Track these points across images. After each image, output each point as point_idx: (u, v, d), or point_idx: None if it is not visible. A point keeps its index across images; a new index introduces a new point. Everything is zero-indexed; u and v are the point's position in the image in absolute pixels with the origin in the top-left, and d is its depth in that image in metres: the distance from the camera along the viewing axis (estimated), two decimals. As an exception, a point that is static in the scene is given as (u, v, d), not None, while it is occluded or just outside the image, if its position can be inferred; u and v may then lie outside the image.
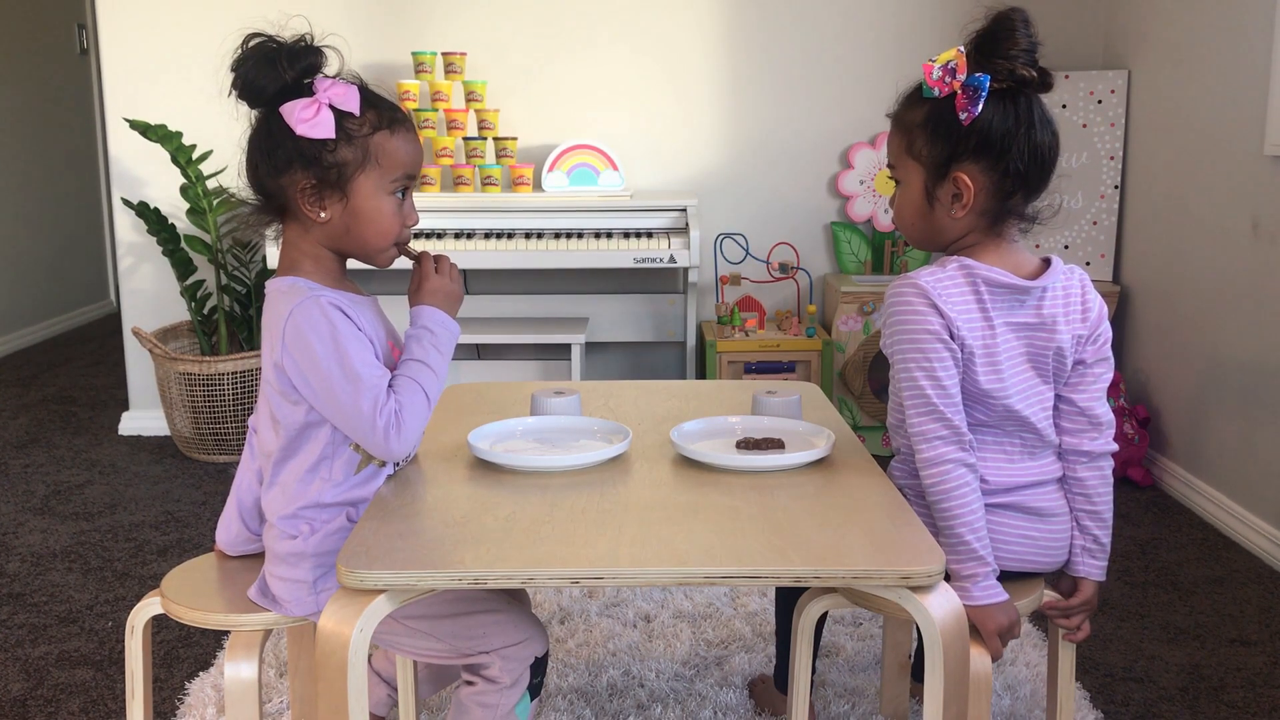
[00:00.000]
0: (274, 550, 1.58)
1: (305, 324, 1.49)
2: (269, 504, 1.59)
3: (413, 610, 1.53)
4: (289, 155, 1.51)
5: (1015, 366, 1.61)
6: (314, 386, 1.50)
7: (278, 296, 1.54)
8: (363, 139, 1.52)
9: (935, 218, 1.63)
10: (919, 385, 1.56)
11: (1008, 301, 1.59)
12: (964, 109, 1.55)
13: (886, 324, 1.62)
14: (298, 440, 1.55)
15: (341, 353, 1.49)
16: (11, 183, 5.42)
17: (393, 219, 1.56)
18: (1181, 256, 3.33)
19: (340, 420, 1.51)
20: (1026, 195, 1.61)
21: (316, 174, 1.51)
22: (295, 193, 1.53)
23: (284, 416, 1.54)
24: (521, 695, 1.57)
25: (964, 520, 1.54)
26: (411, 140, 1.58)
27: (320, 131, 1.49)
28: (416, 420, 1.52)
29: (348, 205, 1.54)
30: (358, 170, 1.53)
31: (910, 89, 1.64)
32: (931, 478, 1.56)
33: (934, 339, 1.56)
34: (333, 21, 3.79)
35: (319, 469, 1.55)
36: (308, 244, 1.57)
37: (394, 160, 1.55)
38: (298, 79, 1.51)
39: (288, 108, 1.49)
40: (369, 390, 1.49)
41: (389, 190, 1.55)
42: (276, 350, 1.51)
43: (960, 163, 1.58)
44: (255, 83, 1.50)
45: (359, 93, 1.53)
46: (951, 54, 1.55)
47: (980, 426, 1.62)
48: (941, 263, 1.62)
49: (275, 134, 1.51)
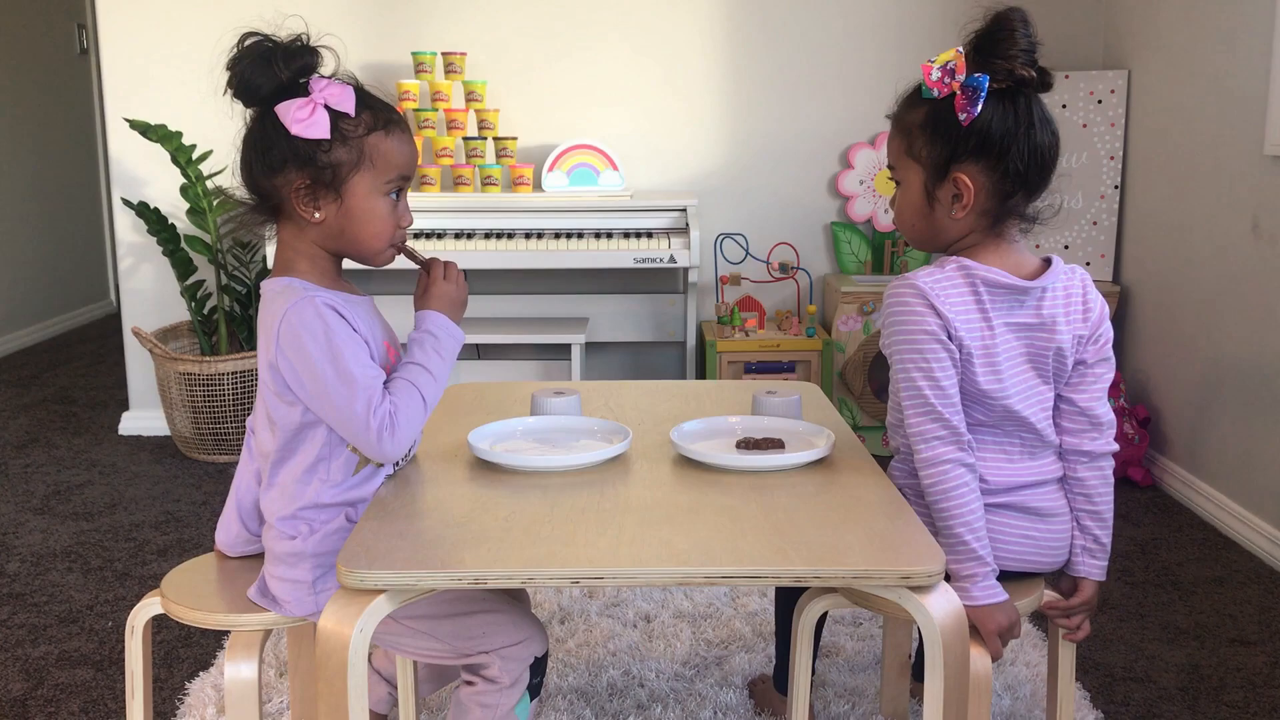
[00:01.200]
0: (273, 551, 1.58)
1: (300, 324, 1.49)
2: (268, 505, 1.58)
3: (412, 610, 1.53)
4: (283, 155, 1.51)
5: (1014, 367, 1.61)
6: (308, 387, 1.50)
7: (273, 297, 1.54)
8: (358, 139, 1.52)
9: (935, 218, 1.62)
10: (917, 386, 1.56)
11: (1007, 302, 1.59)
12: (963, 109, 1.55)
13: (885, 325, 1.62)
14: (295, 441, 1.55)
15: (335, 353, 1.49)
16: (11, 183, 5.42)
17: (387, 220, 1.56)
18: (1181, 256, 3.33)
19: (335, 421, 1.51)
20: (1027, 195, 1.61)
21: (311, 174, 1.51)
22: (290, 193, 1.53)
23: (280, 417, 1.54)
24: (521, 695, 1.57)
25: (963, 520, 1.54)
26: (406, 141, 1.58)
27: (315, 131, 1.49)
28: (411, 423, 1.52)
29: (342, 206, 1.54)
30: (352, 171, 1.53)
31: (909, 90, 1.64)
32: (930, 478, 1.56)
33: (931, 340, 1.56)
34: (333, 21, 3.80)
35: (317, 469, 1.55)
36: (303, 244, 1.57)
37: (389, 161, 1.55)
38: (293, 79, 1.51)
39: (283, 107, 1.49)
40: (363, 391, 1.49)
41: (384, 191, 1.55)
42: (271, 351, 1.51)
43: (960, 163, 1.58)
44: (250, 82, 1.50)
45: (355, 93, 1.53)
46: (950, 54, 1.55)
47: (979, 427, 1.62)
48: (940, 263, 1.62)
49: (270, 133, 1.51)
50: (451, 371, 1.62)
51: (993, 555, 1.57)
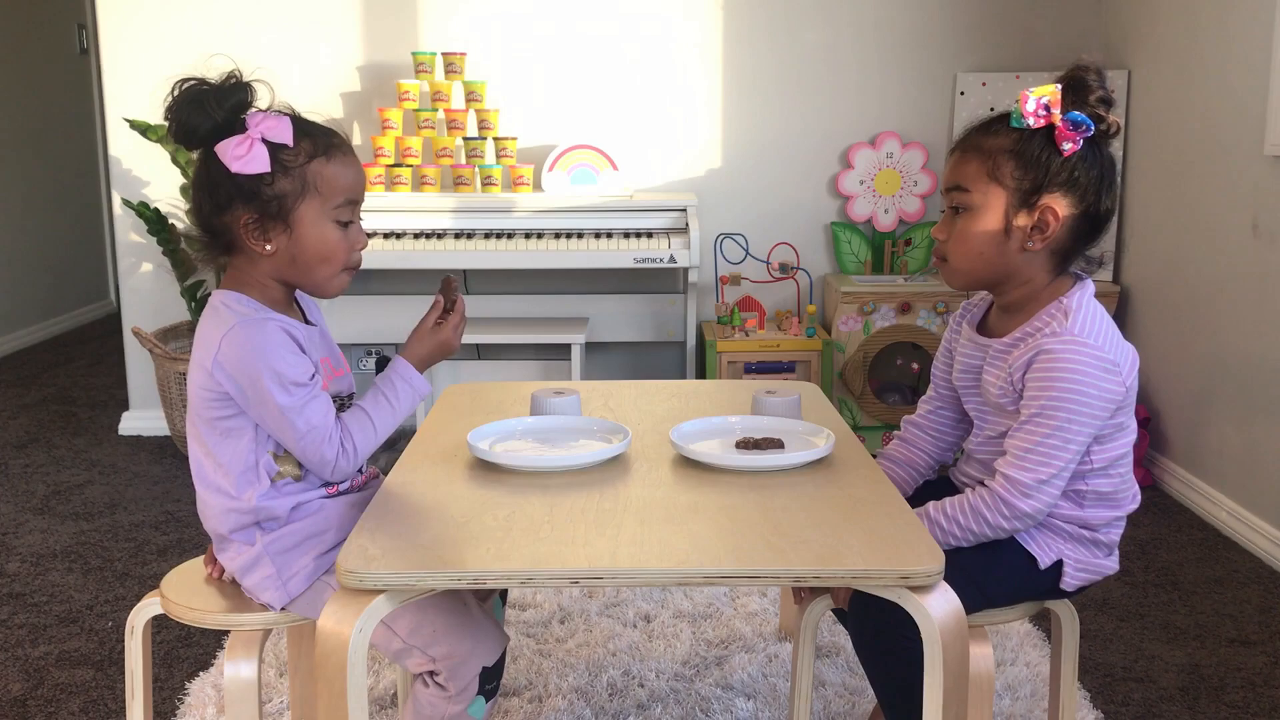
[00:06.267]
0: (233, 566, 1.62)
1: (247, 338, 1.52)
2: (214, 520, 1.61)
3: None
4: (229, 192, 1.54)
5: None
6: (250, 397, 1.53)
7: (222, 309, 1.57)
8: (299, 168, 1.54)
9: (1008, 248, 1.62)
10: (1071, 450, 1.58)
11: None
12: (1069, 139, 1.57)
13: (1058, 380, 1.57)
14: (221, 450, 1.57)
15: (285, 370, 1.52)
16: (11, 183, 5.42)
17: (339, 245, 1.59)
18: (1181, 256, 3.33)
19: (281, 435, 1.55)
20: (1093, 237, 1.65)
21: (257, 208, 1.54)
22: (239, 228, 1.55)
23: (210, 425, 1.57)
24: (473, 699, 1.58)
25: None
26: (350, 164, 1.59)
27: (255, 166, 1.51)
28: (362, 446, 1.59)
29: (292, 235, 1.56)
30: (298, 200, 1.54)
31: (990, 116, 1.66)
32: (1005, 530, 1.61)
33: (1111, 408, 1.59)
34: (333, 21, 3.80)
35: (248, 475, 1.58)
36: (256, 273, 1.59)
37: (333, 186, 1.56)
38: (228, 117, 1.52)
39: (221, 146, 1.52)
40: (318, 409, 1.54)
41: (332, 217, 1.57)
42: (209, 360, 1.53)
43: (1049, 193, 1.59)
44: (188, 124, 1.52)
45: (291, 123, 1.54)
46: (1050, 89, 1.58)
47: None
48: (1084, 313, 1.60)
49: (214, 173, 1.54)
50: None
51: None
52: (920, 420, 1.87)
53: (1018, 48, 3.81)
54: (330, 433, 1.55)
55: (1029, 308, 1.65)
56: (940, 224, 1.68)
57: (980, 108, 3.77)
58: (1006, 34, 3.81)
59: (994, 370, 1.66)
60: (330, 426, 1.55)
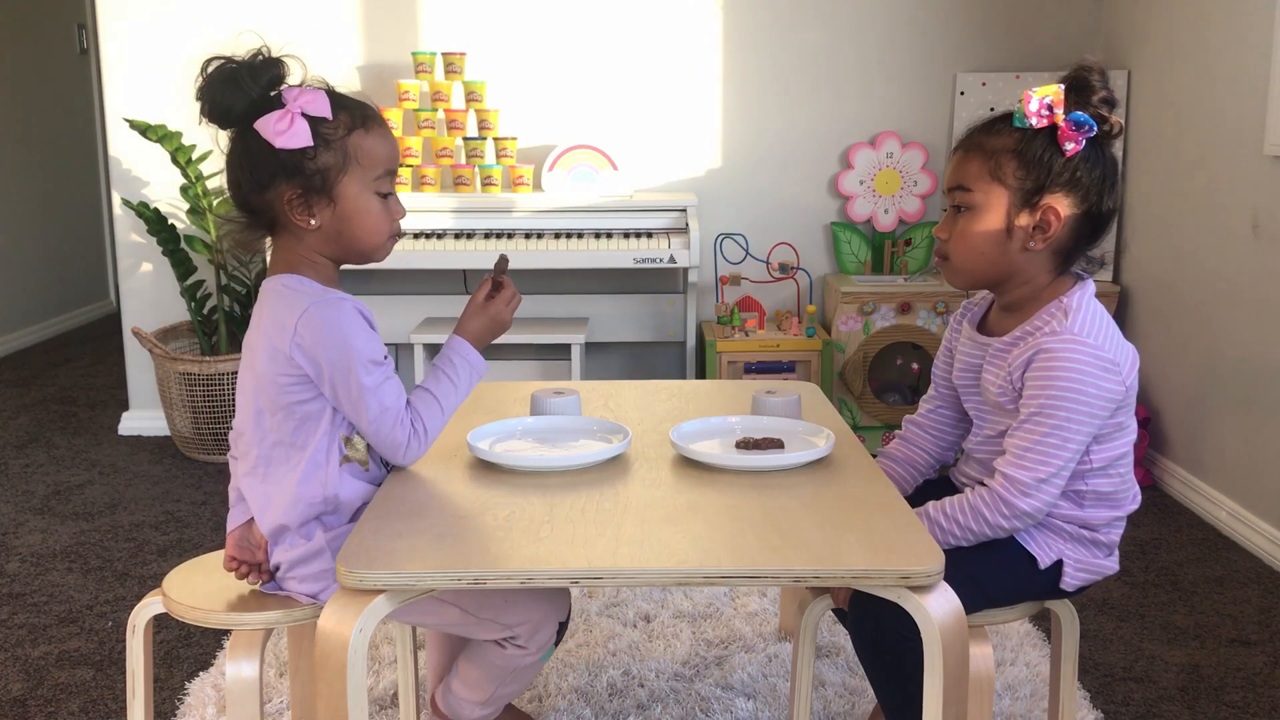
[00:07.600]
0: (289, 559, 1.59)
1: (325, 318, 1.51)
2: (269, 515, 1.59)
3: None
4: (271, 169, 1.53)
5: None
6: (330, 378, 1.52)
7: (286, 291, 1.55)
8: (340, 141, 1.54)
9: (1009, 247, 1.62)
10: (1070, 448, 1.57)
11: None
12: (1071, 139, 1.57)
13: (1057, 380, 1.57)
14: (297, 436, 1.56)
15: (364, 349, 1.52)
16: (11, 183, 5.42)
17: (381, 215, 1.59)
18: (1181, 256, 3.33)
19: (356, 416, 1.54)
20: (1095, 238, 1.65)
21: (301, 183, 1.53)
22: (283, 205, 1.55)
23: (289, 411, 1.55)
24: (548, 649, 1.65)
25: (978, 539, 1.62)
26: (387, 135, 1.60)
27: (298, 140, 1.51)
28: (432, 429, 1.60)
29: (336, 209, 1.55)
30: (341, 173, 1.54)
31: (993, 116, 1.66)
32: (1005, 529, 1.60)
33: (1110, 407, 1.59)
34: (333, 21, 3.80)
35: (319, 462, 1.57)
36: (303, 250, 1.58)
37: (374, 157, 1.56)
38: (264, 93, 1.52)
39: (262, 122, 1.51)
40: (392, 390, 1.55)
41: (373, 188, 1.57)
42: (285, 343, 1.52)
43: (1051, 193, 1.59)
44: (222, 103, 1.52)
45: (328, 96, 1.54)
46: (1053, 89, 1.58)
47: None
48: (1084, 313, 1.60)
49: (253, 150, 1.53)
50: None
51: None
52: (921, 419, 1.87)
53: (1018, 48, 3.81)
54: (401, 416, 1.56)
55: (1029, 307, 1.65)
56: (942, 223, 1.68)
57: (980, 108, 3.77)
58: (1006, 34, 3.81)
59: (994, 369, 1.66)
60: (401, 409, 1.56)
